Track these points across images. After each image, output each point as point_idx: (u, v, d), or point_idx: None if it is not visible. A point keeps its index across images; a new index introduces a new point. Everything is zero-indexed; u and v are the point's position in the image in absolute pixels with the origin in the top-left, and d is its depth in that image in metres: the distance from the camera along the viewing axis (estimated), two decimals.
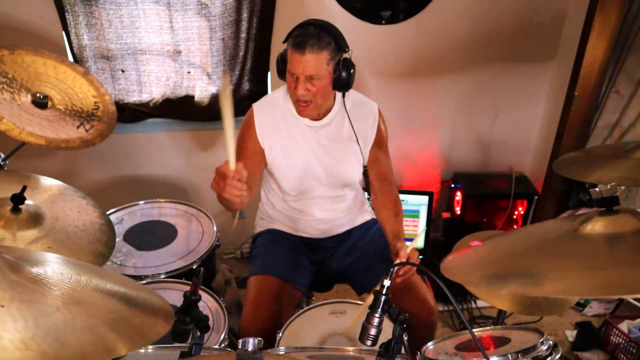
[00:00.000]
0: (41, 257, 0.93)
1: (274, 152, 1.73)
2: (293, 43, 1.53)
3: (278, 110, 1.73)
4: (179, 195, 2.73)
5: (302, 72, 1.54)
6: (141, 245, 1.89)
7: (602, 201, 1.04)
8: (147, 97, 2.53)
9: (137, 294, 0.92)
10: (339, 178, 1.78)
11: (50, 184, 1.56)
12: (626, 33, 2.52)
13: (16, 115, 1.63)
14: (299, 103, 1.62)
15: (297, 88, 1.57)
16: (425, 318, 1.66)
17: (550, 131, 2.80)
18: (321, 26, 1.55)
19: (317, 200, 1.81)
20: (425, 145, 2.94)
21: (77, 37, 2.32)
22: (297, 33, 1.54)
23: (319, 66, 1.54)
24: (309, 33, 1.53)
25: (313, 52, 1.52)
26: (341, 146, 1.74)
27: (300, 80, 1.56)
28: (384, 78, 2.69)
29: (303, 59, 1.52)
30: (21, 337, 0.67)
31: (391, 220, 1.75)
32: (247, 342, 0.85)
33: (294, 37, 1.54)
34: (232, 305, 2.31)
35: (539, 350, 1.14)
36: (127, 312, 0.84)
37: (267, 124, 1.72)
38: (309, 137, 1.72)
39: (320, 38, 1.52)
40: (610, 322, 2.36)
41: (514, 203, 2.83)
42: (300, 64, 1.53)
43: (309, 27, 1.55)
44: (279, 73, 1.66)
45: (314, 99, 1.60)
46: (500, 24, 2.63)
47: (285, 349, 1.38)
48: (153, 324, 0.84)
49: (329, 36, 1.54)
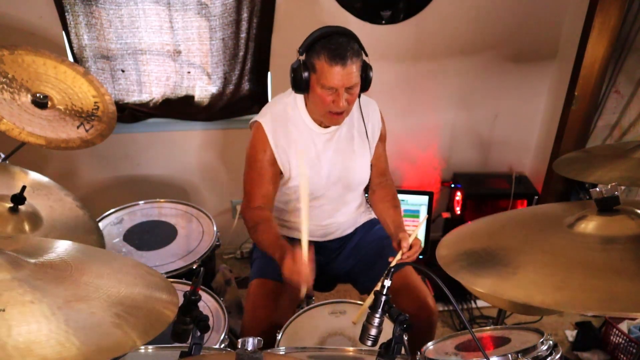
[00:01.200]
0: (44, 245, 0.93)
1: (293, 166, 1.67)
2: (329, 56, 1.47)
3: (289, 123, 1.66)
4: (179, 195, 2.73)
5: (343, 84, 1.50)
6: (141, 245, 1.89)
7: (602, 201, 1.04)
8: (147, 97, 2.53)
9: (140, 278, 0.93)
10: (353, 181, 1.76)
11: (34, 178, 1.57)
12: (626, 33, 2.52)
13: (16, 115, 1.63)
14: (333, 115, 1.57)
15: (336, 101, 1.52)
16: (424, 319, 1.66)
17: (550, 131, 2.80)
18: (347, 34, 1.52)
19: (327, 206, 1.78)
20: (425, 145, 2.94)
21: (77, 37, 2.32)
22: (330, 46, 1.48)
23: (357, 75, 1.53)
24: (342, 43, 1.48)
25: (353, 62, 1.49)
26: (354, 147, 1.73)
27: (341, 92, 1.51)
28: (383, 78, 2.69)
29: (345, 70, 1.48)
30: (24, 340, 0.67)
31: (390, 212, 1.76)
32: (246, 342, 0.86)
33: (327, 50, 1.48)
34: (232, 305, 2.31)
35: (539, 350, 1.14)
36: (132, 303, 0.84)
37: (281, 140, 1.65)
38: (325, 144, 1.69)
39: (352, 46, 1.50)
40: (610, 322, 2.36)
41: (514, 203, 2.83)
42: (343, 76, 1.49)
43: (336, 37, 1.50)
44: (299, 86, 1.56)
45: (348, 107, 1.58)
46: (501, 23, 2.63)
47: (285, 349, 1.38)
48: (160, 312, 0.84)
49: (356, 43, 1.52)
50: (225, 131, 2.70)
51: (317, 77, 1.51)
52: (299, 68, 1.53)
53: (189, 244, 1.89)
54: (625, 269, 0.88)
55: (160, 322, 0.82)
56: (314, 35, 1.53)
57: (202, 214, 2.06)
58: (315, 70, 1.51)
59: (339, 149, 1.70)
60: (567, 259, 0.95)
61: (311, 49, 1.51)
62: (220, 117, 2.61)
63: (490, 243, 1.08)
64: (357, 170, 1.75)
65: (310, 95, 1.58)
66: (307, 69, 1.53)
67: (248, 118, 2.64)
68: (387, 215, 1.77)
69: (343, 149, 1.71)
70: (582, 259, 0.94)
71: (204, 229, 1.97)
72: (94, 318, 0.76)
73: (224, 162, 2.80)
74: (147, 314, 0.83)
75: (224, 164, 2.80)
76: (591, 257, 0.95)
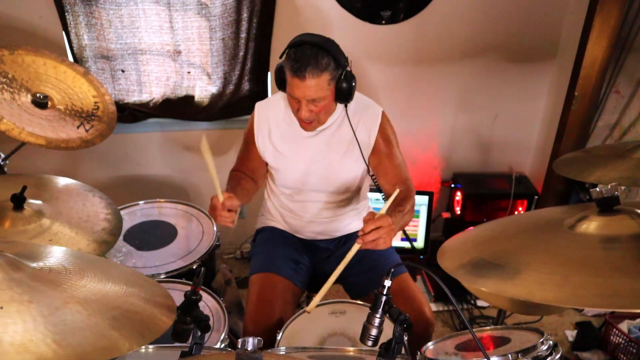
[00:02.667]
0: (43, 251, 0.94)
1: (267, 154, 1.77)
2: (291, 68, 1.47)
3: (279, 113, 1.74)
4: (179, 195, 2.73)
5: (303, 97, 1.51)
6: (141, 245, 1.89)
7: (602, 201, 1.04)
8: (147, 97, 2.53)
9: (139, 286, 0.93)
10: (336, 183, 1.76)
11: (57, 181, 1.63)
12: (626, 33, 2.52)
13: (16, 115, 1.63)
14: (301, 121, 1.63)
15: (300, 110, 1.55)
16: (422, 329, 1.62)
17: (550, 131, 2.80)
18: (318, 45, 1.48)
19: (311, 204, 1.81)
20: (425, 145, 2.94)
21: (77, 37, 2.32)
22: (294, 57, 1.47)
23: (321, 89, 1.50)
24: (306, 56, 1.46)
25: (313, 77, 1.47)
26: (340, 150, 1.72)
27: (303, 103, 1.53)
28: (383, 78, 2.69)
29: (303, 84, 1.48)
30: (21, 340, 0.67)
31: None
32: (246, 341, 0.85)
33: (291, 60, 1.48)
34: (232, 305, 2.31)
35: (539, 350, 1.14)
36: (129, 307, 0.84)
37: (263, 125, 1.75)
38: (307, 143, 1.72)
39: (318, 60, 1.46)
40: (610, 322, 2.36)
41: (514, 203, 2.83)
42: (301, 90, 1.49)
43: (304, 46, 1.48)
44: (278, 85, 1.61)
45: (317, 117, 1.59)
46: (500, 24, 2.63)
47: (285, 349, 1.38)
48: (156, 319, 0.85)
49: (327, 56, 1.48)
50: (226, 131, 2.70)
51: (287, 84, 1.55)
52: (278, 71, 1.57)
53: (189, 244, 1.89)
54: (626, 267, 0.88)
55: (157, 327, 0.83)
56: (290, 42, 1.54)
57: (202, 214, 2.06)
58: (285, 75, 1.55)
59: (320, 149, 1.72)
60: (568, 259, 0.95)
61: (284, 55, 1.54)
62: (220, 117, 2.61)
63: (492, 248, 1.08)
64: (338, 170, 1.74)
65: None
66: (284, 74, 1.55)
67: (248, 118, 2.65)
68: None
69: (327, 148, 1.72)
70: (583, 259, 0.94)
71: (204, 229, 1.97)
72: (91, 320, 0.76)
73: (224, 162, 2.79)
74: (143, 317, 0.84)
75: (224, 164, 2.79)
76: (592, 256, 0.95)
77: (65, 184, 1.65)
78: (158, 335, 0.81)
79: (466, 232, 1.29)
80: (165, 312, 0.88)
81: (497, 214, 2.87)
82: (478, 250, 1.10)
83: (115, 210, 1.57)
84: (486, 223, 1.30)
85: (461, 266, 1.06)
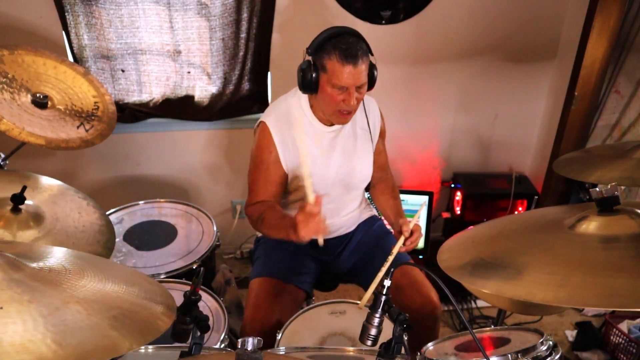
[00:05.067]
0: (43, 251, 0.94)
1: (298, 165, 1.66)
2: (341, 55, 1.49)
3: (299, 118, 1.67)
4: (179, 195, 2.73)
5: (354, 83, 1.52)
6: (141, 245, 1.89)
7: (602, 201, 1.04)
8: (147, 97, 2.53)
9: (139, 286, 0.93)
10: (357, 179, 1.78)
11: (51, 183, 1.56)
12: (626, 33, 2.52)
13: (16, 115, 1.63)
14: (343, 114, 1.59)
15: (347, 100, 1.54)
16: (428, 312, 1.67)
17: (550, 131, 2.80)
18: (356, 34, 1.55)
19: (330, 205, 1.75)
20: (425, 145, 2.94)
21: (77, 37, 2.32)
22: (342, 45, 1.50)
23: (366, 74, 1.55)
24: (352, 43, 1.51)
25: (364, 61, 1.52)
26: (358, 145, 1.74)
27: (352, 91, 1.54)
28: (383, 78, 2.68)
29: (357, 70, 1.51)
30: (21, 340, 0.67)
31: (390, 202, 1.82)
32: (246, 342, 0.85)
33: (339, 49, 1.49)
34: (232, 305, 2.31)
35: (539, 350, 1.14)
36: (129, 307, 0.84)
37: (286, 139, 1.65)
38: (330, 143, 1.70)
39: (361, 47, 1.52)
40: (610, 322, 2.36)
41: (514, 203, 2.83)
42: (354, 76, 1.51)
43: (346, 36, 1.52)
44: (308, 86, 1.56)
45: (356, 106, 1.60)
46: (500, 24, 2.63)
47: (285, 349, 1.38)
48: (156, 320, 0.85)
49: (364, 43, 1.55)
50: (226, 131, 2.70)
51: (327, 76, 1.53)
52: (309, 68, 1.55)
53: (189, 244, 1.89)
54: (626, 267, 0.89)
55: (157, 327, 0.83)
56: (324, 35, 1.54)
57: (202, 214, 2.06)
58: (326, 70, 1.52)
59: (344, 147, 1.72)
60: (568, 259, 0.95)
61: (321, 48, 1.53)
62: (220, 117, 2.61)
63: (492, 248, 1.08)
64: (361, 168, 1.77)
65: (319, 95, 1.59)
66: (317, 68, 1.54)
67: (248, 118, 2.66)
68: (387, 206, 1.82)
69: (348, 147, 1.73)
70: (583, 258, 0.94)
71: (204, 229, 1.97)
72: (91, 320, 0.76)
73: (225, 162, 2.80)
74: (143, 317, 0.84)
75: (225, 164, 2.80)
76: (592, 256, 0.95)
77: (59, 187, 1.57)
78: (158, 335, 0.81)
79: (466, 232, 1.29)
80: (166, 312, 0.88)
81: (497, 214, 2.87)
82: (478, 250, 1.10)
83: (108, 222, 1.53)
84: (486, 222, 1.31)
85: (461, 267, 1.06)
